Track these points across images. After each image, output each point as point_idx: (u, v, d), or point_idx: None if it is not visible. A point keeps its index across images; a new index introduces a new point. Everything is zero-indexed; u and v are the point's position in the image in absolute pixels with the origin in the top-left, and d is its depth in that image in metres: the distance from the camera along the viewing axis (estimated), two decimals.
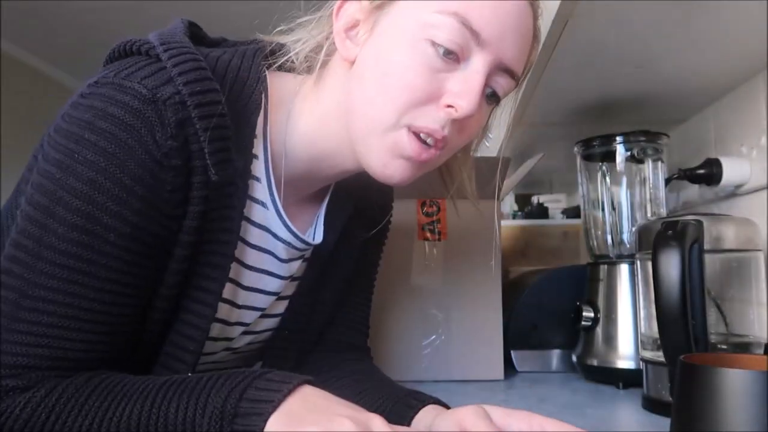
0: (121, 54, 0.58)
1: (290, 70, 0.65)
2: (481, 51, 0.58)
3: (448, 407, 0.61)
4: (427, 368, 0.99)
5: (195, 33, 0.64)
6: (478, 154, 0.79)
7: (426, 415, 0.60)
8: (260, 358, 0.78)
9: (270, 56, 0.65)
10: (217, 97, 0.55)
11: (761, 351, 0.76)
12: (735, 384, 0.43)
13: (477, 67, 0.58)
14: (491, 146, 0.83)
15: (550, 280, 1.10)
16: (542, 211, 2.05)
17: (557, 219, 1.98)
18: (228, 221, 0.59)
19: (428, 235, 1.01)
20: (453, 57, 0.57)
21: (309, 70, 0.65)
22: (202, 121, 0.54)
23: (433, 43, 0.57)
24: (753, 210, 0.92)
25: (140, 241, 0.54)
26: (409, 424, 0.60)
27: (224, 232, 0.59)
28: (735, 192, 0.96)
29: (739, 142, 0.94)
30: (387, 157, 0.59)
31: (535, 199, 2.17)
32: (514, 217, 2.19)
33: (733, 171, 0.92)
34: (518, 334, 1.07)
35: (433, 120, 0.58)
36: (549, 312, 1.07)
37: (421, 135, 0.58)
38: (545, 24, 0.76)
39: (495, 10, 0.57)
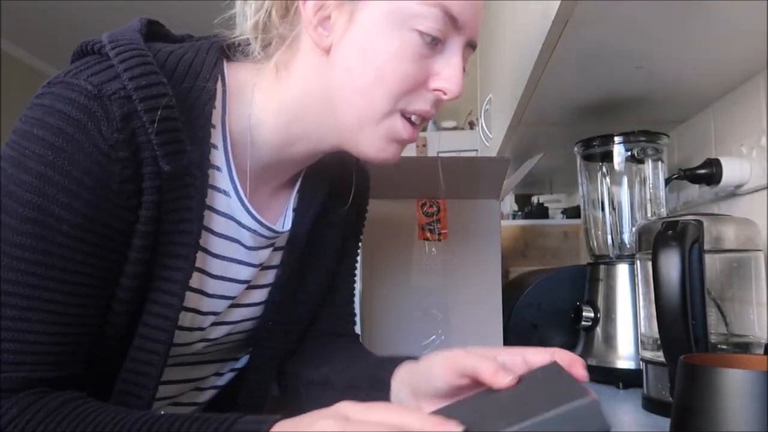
0: (79, 55, 0.60)
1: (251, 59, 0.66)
2: (458, 34, 0.63)
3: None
4: None
5: (155, 31, 0.66)
6: (480, 154, 0.80)
7: (403, 371, 0.63)
8: (245, 350, 0.78)
9: (229, 49, 0.66)
10: (163, 90, 0.57)
11: (761, 351, 0.76)
12: (735, 384, 0.43)
13: (456, 49, 0.63)
14: (491, 146, 0.83)
15: (550, 280, 1.11)
16: (542, 211, 2.05)
17: (557, 219, 1.98)
18: (187, 211, 0.60)
19: (428, 235, 1.01)
20: (436, 43, 0.61)
21: (268, 57, 0.66)
22: (149, 113, 0.56)
23: (420, 33, 0.60)
24: (753, 210, 0.92)
25: (93, 232, 0.55)
26: (388, 386, 0.63)
27: (185, 222, 0.60)
28: (735, 192, 0.96)
29: (739, 142, 0.94)
30: (383, 142, 0.64)
31: (535, 199, 2.17)
32: (514, 217, 2.20)
33: (733, 171, 0.92)
34: (518, 334, 1.07)
35: (424, 102, 0.63)
36: (549, 312, 1.07)
37: (413, 117, 0.64)
38: (545, 24, 0.76)
39: None
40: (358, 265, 0.87)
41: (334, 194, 0.78)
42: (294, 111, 0.65)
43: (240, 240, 0.68)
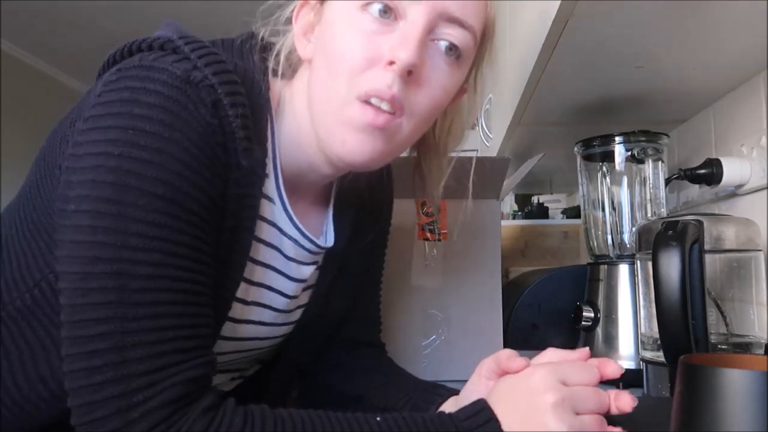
0: (126, 54, 0.57)
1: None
2: (416, 5, 0.57)
3: None
4: (427, 368, 0.99)
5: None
6: (480, 154, 0.79)
7: (449, 406, 0.64)
8: (257, 363, 0.78)
9: (262, 52, 0.65)
10: (239, 88, 0.56)
11: (761, 351, 0.76)
12: (735, 384, 0.42)
13: (413, 18, 0.57)
14: (491, 146, 0.83)
15: (550, 280, 1.11)
16: (542, 211, 2.05)
17: (557, 219, 1.98)
18: (249, 209, 0.59)
19: (428, 235, 1.01)
20: (390, 18, 0.57)
21: (282, 73, 0.65)
22: (233, 107, 0.54)
23: (364, 7, 0.57)
24: (753, 210, 0.92)
25: (211, 211, 0.53)
26: None
27: (244, 221, 0.58)
28: (735, 192, 0.96)
29: (739, 142, 0.94)
30: (345, 133, 0.58)
31: (535, 199, 2.17)
32: (514, 217, 2.19)
33: (733, 171, 0.92)
34: (518, 334, 1.07)
35: (378, 81, 0.56)
36: (549, 312, 1.07)
37: (372, 101, 0.56)
38: (545, 24, 0.76)
39: None
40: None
41: (367, 210, 0.77)
42: (300, 127, 0.64)
43: (280, 248, 0.66)
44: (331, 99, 0.58)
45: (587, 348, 0.61)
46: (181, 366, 0.49)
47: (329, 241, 0.71)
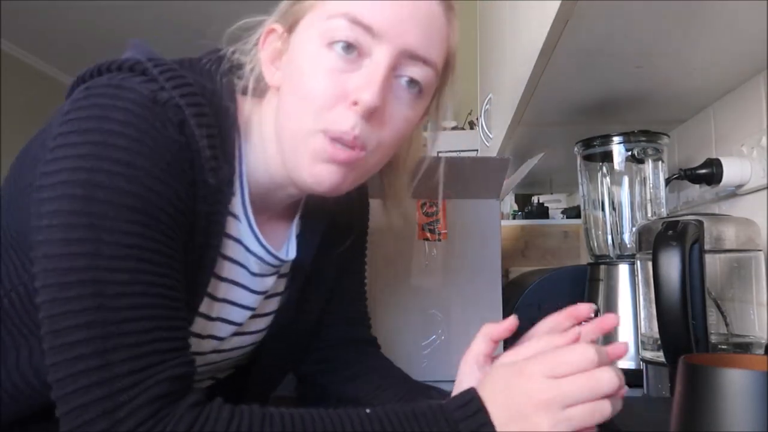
0: (95, 74, 0.58)
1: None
2: (380, 44, 0.58)
3: None
4: (427, 368, 0.99)
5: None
6: (480, 154, 0.79)
7: None
8: (232, 369, 0.78)
9: (230, 72, 0.66)
10: (206, 110, 0.57)
11: (761, 351, 0.76)
12: (735, 384, 0.42)
13: (378, 58, 0.58)
14: (491, 146, 0.83)
15: (550, 280, 1.11)
16: (542, 211, 2.05)
17: (557, 219, 1.98)
18: (217, 227, 0.60)
19: (428, 235, 1.01)
20: (354, 55, 0.59)
21: (251, 93, 0.66)
22: (199, 128, 0.56)
23: (329, 45, 0.58)
24: (753, 210, 0.92)
25: (181, 224, 0.55)
26: None
27: (210, 239, 0.60)
28: (735, 192, 0.96)
29: (739, 142, 0.94)
30: (311, 163, 0.60)
31: (535, 199, 2.17)
32: (514, 217, 2.19)
33: (733, 171, 0.92)
34: (518, 334, 1.07)
35: (343, 121, 0.58)
36: (549, 312, 1.06)
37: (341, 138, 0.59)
38: (545, 24, 0.76)
39: (384, 2, 0.59)
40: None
41: (336, 221, 0.78)
42: (268, 151, 0.65)
43: (246, 265, 0.67)
44: (297, 130, 0.60)
45: (577, 329, 0.61)
46: (163, 365, 0.50)
47: (291, 253, 0.73)
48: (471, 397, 0.54)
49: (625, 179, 1.01)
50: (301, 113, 0.59)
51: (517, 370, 0.54)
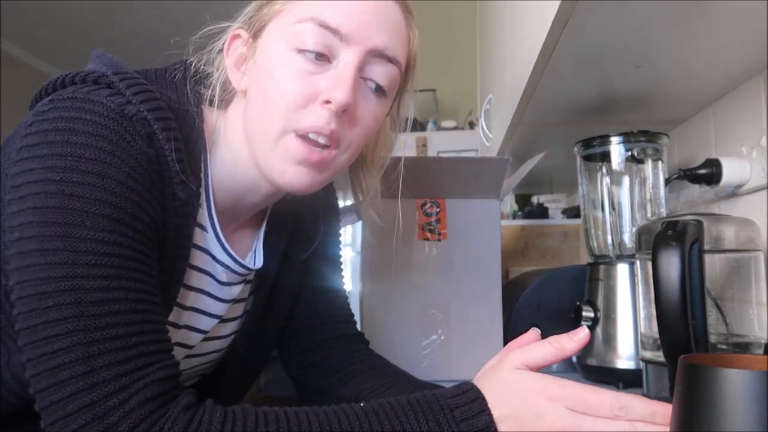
0: (59, 86, 0.57)
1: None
2: (348, 45, 0.61)
3: None
4: (427, 368, 0.99)
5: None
6: (480, 154, 0.80)
7: None
8: (201, 375, 0.79)
9: (196, 83, 0.67)
10: (173, 123, 0.58)
11: (761, 351, 0.76)
12: (735, 384, 0.42)
13: (347, 59, 0.61)
14: (491, 146, 0.83)
15: (550, 280, 1.10)
16: (542, 211, 2.05)
17: (557, 219, 1.98)
18: (185, 239, 0.61)
19: (428, 235, 1.01)
20: (323, 58, 0.60)
21: (217, 103, 0.67)
22: (167, 142, 0.56)
23: (299, 50, 0.60)
24: (753, 210, 0.92)
25: (154, 232, 0.55)
26: None
27: (180, 249, 0.61)
28: (735, 192, 0.96)
29: (739, 142, 0.94)
30: (283, 165, 0.61)
31: (535, 199, 2.17)
32: (514, 217, 2.19)
33: (733, 171, 0.92)
34: (518, 334, 1.07)
35: (316, 118, 0.60)
36: (549, 312, 1.07)
37: (310, 135, 0.60)
38: (545, 24, 0.76)
39: (349, 6, 0.60)
40: (347, 269, 0.89)
41: (301, 229, 0.79)
42: (236, 156, 0.66)
43: (213, 274, 0.68)
44: (267, 132, 0.61)
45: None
46: (150, 368, 0.50)
47: (258, 262, 0.73)
48: (468, 386, 0.55)
49: (625, 179, 1.01)
50: (271, 115, 0.60)
51: (514, 379, 0.56)
